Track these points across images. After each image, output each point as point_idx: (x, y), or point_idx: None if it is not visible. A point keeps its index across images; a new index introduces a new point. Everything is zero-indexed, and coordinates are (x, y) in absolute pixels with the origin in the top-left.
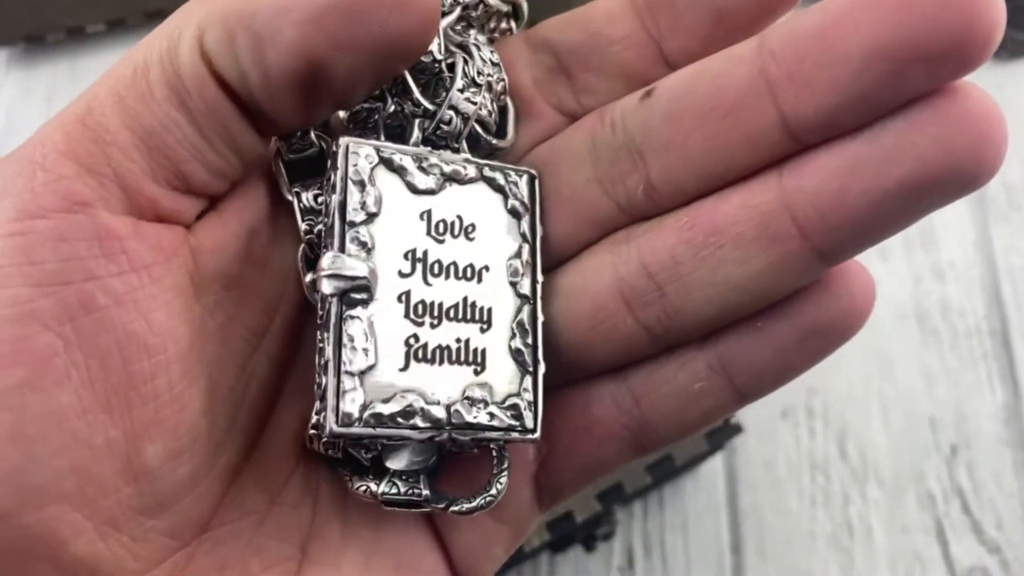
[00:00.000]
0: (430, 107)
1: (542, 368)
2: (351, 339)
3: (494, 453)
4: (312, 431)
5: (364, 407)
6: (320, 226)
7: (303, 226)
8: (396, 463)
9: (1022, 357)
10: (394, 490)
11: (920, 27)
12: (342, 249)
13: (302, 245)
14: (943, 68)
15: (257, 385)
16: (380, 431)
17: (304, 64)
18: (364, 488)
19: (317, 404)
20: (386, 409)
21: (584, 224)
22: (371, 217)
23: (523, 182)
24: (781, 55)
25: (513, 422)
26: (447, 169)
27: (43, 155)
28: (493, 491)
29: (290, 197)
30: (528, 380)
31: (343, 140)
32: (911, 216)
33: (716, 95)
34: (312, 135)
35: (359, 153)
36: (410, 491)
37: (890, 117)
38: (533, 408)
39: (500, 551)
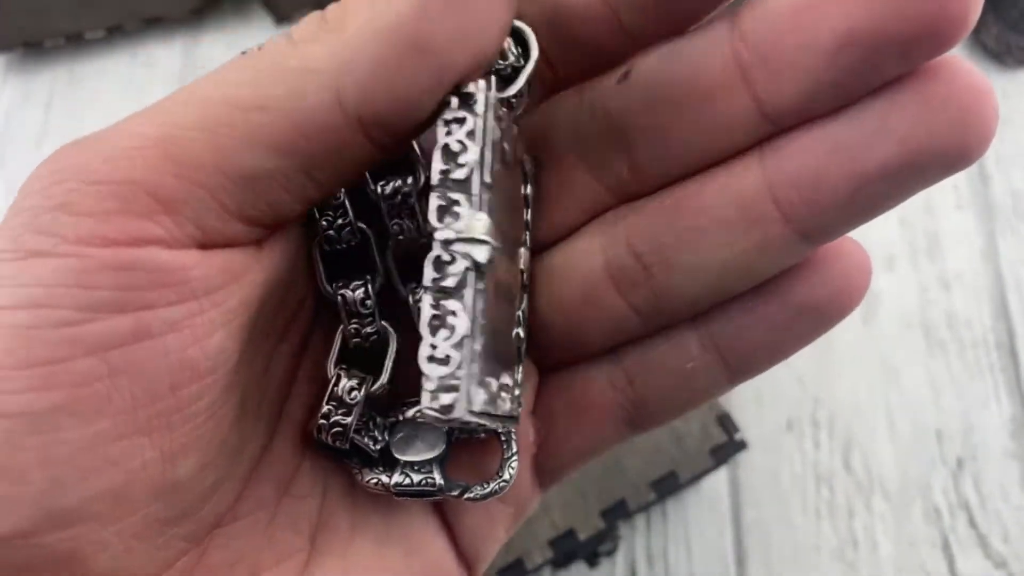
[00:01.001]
0: None
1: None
2: (479, 316)
3: (503, 439)
4: (322, 421)
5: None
6: (339, 221)
7: (322, 222)
8: (408, 454)
9: None
10: (407, 481)
11: (892, 9)
12: (488, 212)
13: (318, 239)
14: (917, 50)
15: (276, 379)
16: (483, 420)
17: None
18: (375, 480)
19: (331, 391)
20: (483, 394)
21: (573, 206)
22: (488, 187)
23: (529, 165)
24: (753, 40)
25: (516, 408)
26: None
27: (115, 179)
28: (506, 476)
29: None
30: (519, 367)
31: (481, 84)
32: (897, 197)
33: (691, 80)
34: None
35: (491, 106)
36: (423, 481)
37: (870, 98)
38: (518, 393)
39: (503, 532)
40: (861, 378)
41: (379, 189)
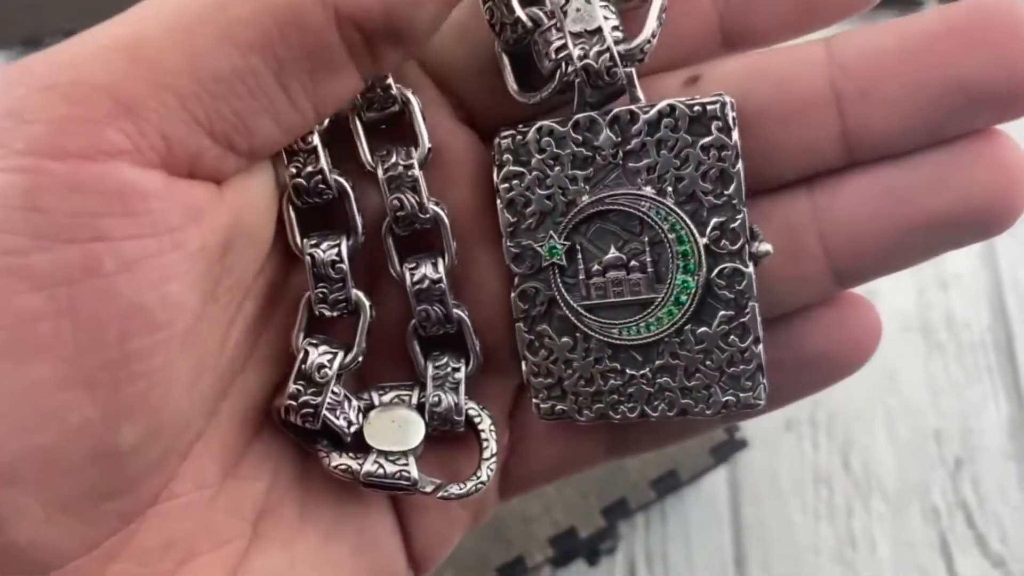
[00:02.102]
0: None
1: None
2: None
3: (484, 439)
4: (290, 401)
5: None
6: (310, 168)
7: (290, 168)
8: (383, 442)
9: None
10: (380, 471)
11: (999, 66)
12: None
13: (287, 191)
14: (1008, 110)
15: (232, 350)
16: None
17: None
18: (344, 467)
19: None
20: None
21: None
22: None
23: None
24: (856, 70)
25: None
26: None
27: (72, 83)
28: (484, 477)
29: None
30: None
31: (727, 98)
32: (932, 252)
33: (778, 97)
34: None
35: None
36: (398, 473)
37: (932, 149)
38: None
39: (458, 536)
40: (860, 379)
41: (378, 162)
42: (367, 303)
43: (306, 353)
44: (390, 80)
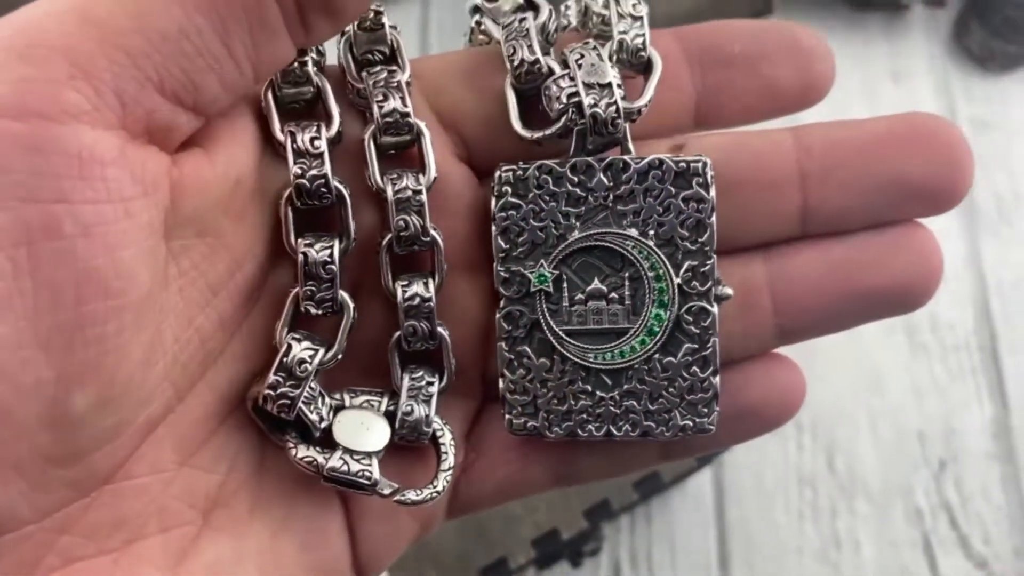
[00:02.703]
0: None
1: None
2: None
3: (443, 451)
4: (268, 391)
5: None
6: (314, 171)
7: (295, 169)
8: (350, 441)
9: (1011, 371)
10: (344, 467)
11: (934, 173)
12: None
13: (289, 190)
14: (933, 205)
15: (198, 342)
16: None
17: None
18: (310, 459)
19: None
20: None
21: None
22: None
23: None
24: (820, 155)
25: None
26: None
27: (29, 45)
28: (440, 487)
29: (281, 137)
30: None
31: (707, 159)
32: (863, 319)
33: (753, 170)
34: (311, 69)
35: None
36: (360, 472)
37: (870, 231)
38: None
39: (404, 545)
40: (844, 381)
41: (387, 183)
42: (351, 304)
43: (289, 347)
44: (409, 109)
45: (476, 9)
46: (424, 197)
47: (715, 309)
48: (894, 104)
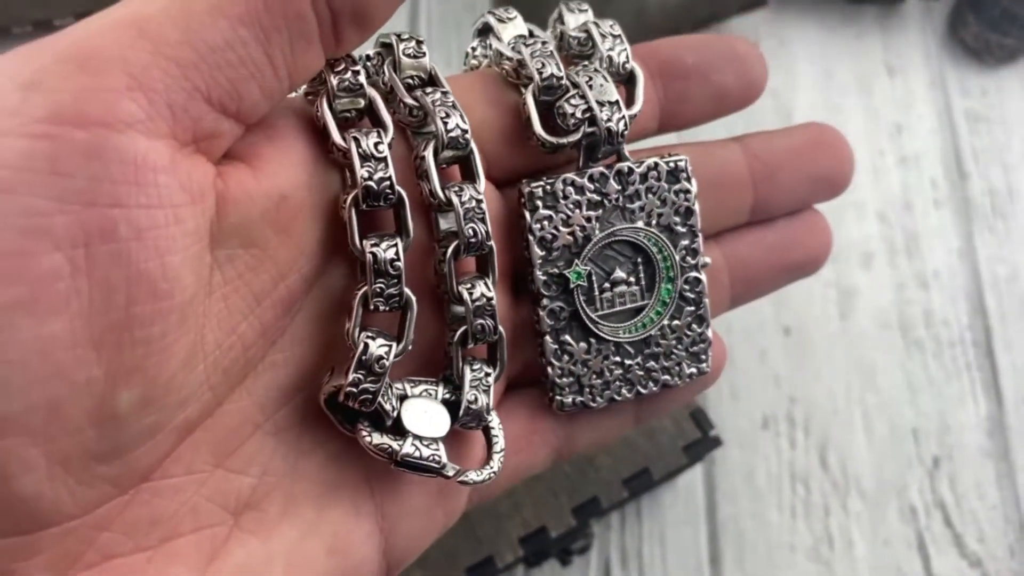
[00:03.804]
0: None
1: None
2: None
3: (494, 434)
4: (350, 388)
5: None
6: (380, 173)
7: (363, 172)
8: (419, 429)
9: (1006, 368)
10: (416, 453)
11: (834, 168)
12: None
13: (355, 192)
14: (830, 195)
15: (240, 348)
16: None
17: None
18: (385, 446)
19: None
20: None
21: None
22: None
23: None
24: (765, 159)
25: None
26: None
27: (87, 56)
28: (496, 467)
29: (343, 144)
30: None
31: (687, 158)
32: (777, 286)
33: (721, 173)
34: (363, 80)
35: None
36: (432, 456)
37: (790, 218)
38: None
39: (433, 538)
40: (838, 376)
41: (454, 196)
42: (414, 299)
43: (366, 345)
44: (468, 126)
45: (482, 32)
46: (485, 206)
47: (703, 276)
48: (888, 98)
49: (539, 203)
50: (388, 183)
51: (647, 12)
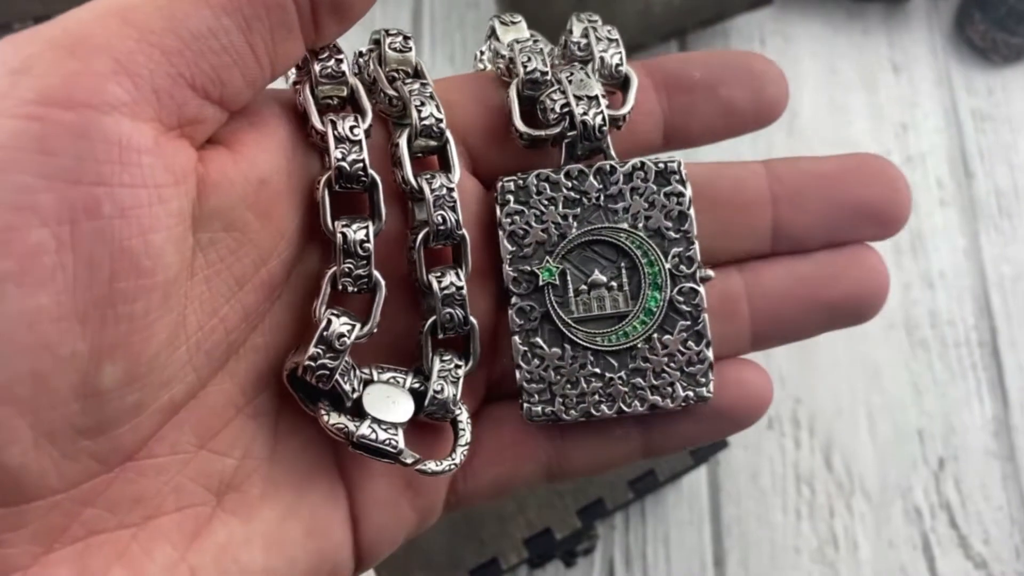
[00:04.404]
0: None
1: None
2: None
3: (461, 427)
4: (308, 363)
5: None
6: (353, 155)
7: (337, 153)
8: (379, 412)
9: (1011, 368)
10: (372, 435)
11: (880, 201)
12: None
13: (328, 174)
14: (880, 230)
15: (222, 331)
16: None
17: None
18: (341, 426)
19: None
20: None
21: None
22: None
23: None
24: (788, 182)
25: None
26: None
27: (75, 42)
28: (458, 459)
29: (321, 127)
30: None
31: (680, 159)
32: (817, 329)
33: (735, 191)
34: (346, 69)
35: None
36: (387, 441)
37: (831, 251)
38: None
39: (403, 536)
40: (842, 377)
41: (424, 184)
42: (383, 282)
43: (329, 321)
44: (443, 116)
45: (490, 35)
46: (456, 195)
47: (702, 288)
48: (893, 95)
49: (510, 197)
50: (361, 166)
51: (651, 11)
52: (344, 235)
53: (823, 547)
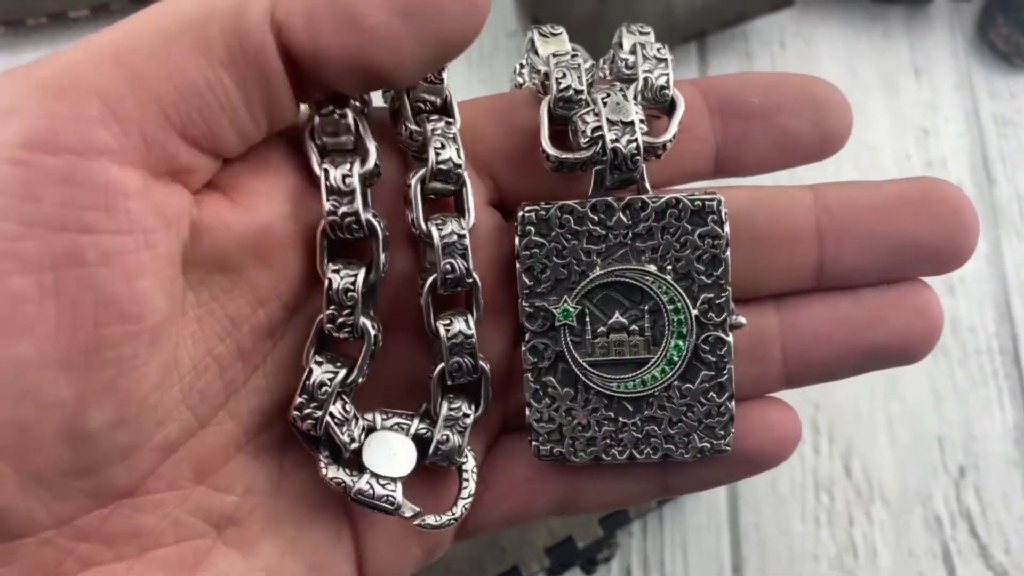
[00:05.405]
0: None
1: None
2: None
3: (464, 478)
4: (295, 412)
5: None
6: (345, 207)
7: (328, 205)
8: (379, 465)
9: None
10: (370, 491)
11: (942, 235)
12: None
13: (323, 223)
14: (938, 266)
15: (216, 370)
16: None
17: (384, 50)
18: (339, 481)
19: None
20: None
21: None
22: None
23: None
24: (838, 215)
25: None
26: None
27: (66, 84)
28: (459, 513)
29: (319, 172)
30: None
31: (721, 197)
32: (861, 370)
33: (774, 224)
34: (349, 112)
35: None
36: (385, 498)
37: (878, 288)
38: None
39: (409, 570)
40: (862, 384)
41: (434, 229)
42: (372, 331)
43: (310, 371)
44: (462, 160)
45: (532, 44)
46: (468, 241)
47: (730, 338)
48: (915, 99)
49: (531, 228)
50: (353, 218)
51: (673, 12)
52: (330, 281)
53: (842, 555)
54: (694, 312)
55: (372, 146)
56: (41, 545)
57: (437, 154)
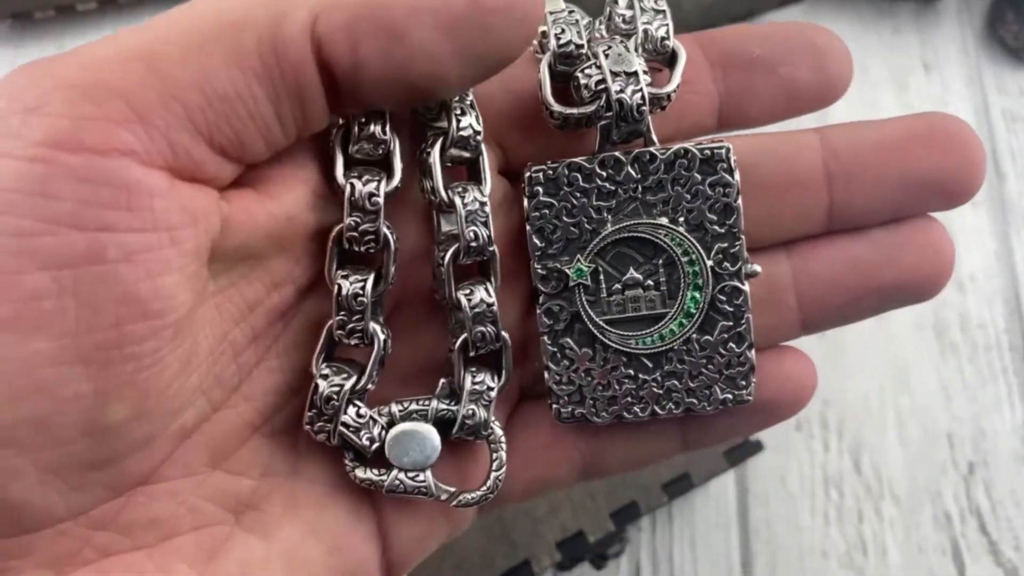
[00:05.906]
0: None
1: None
2: None
3: (493, 451)
4: (307, 426)
5: None
6: (366, 224)
7: (349, 221)
8: (403, 459)
9: None
10: (401, 486)
11: (950, 169)
12: None
13: (336, 231)
14: (948, 200)
15: (231, 354)
16: None
17: (426, 65)
18: (369, 482)
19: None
20: None
21: None
22: None
23: None
24: (846, 157)
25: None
26: None
27: (92, 84)
28: (491, 486)
29: (343, 182)
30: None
31: (729, 144)
32: (876, 311)
33: (781, 171)
34: (388, 129)
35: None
36: (417, 488)
37: (886, 227)
38: None
39: (435, 545)
40: (871, 380)
41: (455, 195)
42: (382, 337)
43: (316, 386)
44: (481, 128)
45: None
46: (488, 209)
47: (747, 287)
48: (924, 95)
49: (539, 189)
50: (372, 236)
51: (682, 8)
52: (340, 287)
53: (851, 552)
54: (709, 263)
55: (399, 167)
56: (58, 536)
57: (457, 120)
